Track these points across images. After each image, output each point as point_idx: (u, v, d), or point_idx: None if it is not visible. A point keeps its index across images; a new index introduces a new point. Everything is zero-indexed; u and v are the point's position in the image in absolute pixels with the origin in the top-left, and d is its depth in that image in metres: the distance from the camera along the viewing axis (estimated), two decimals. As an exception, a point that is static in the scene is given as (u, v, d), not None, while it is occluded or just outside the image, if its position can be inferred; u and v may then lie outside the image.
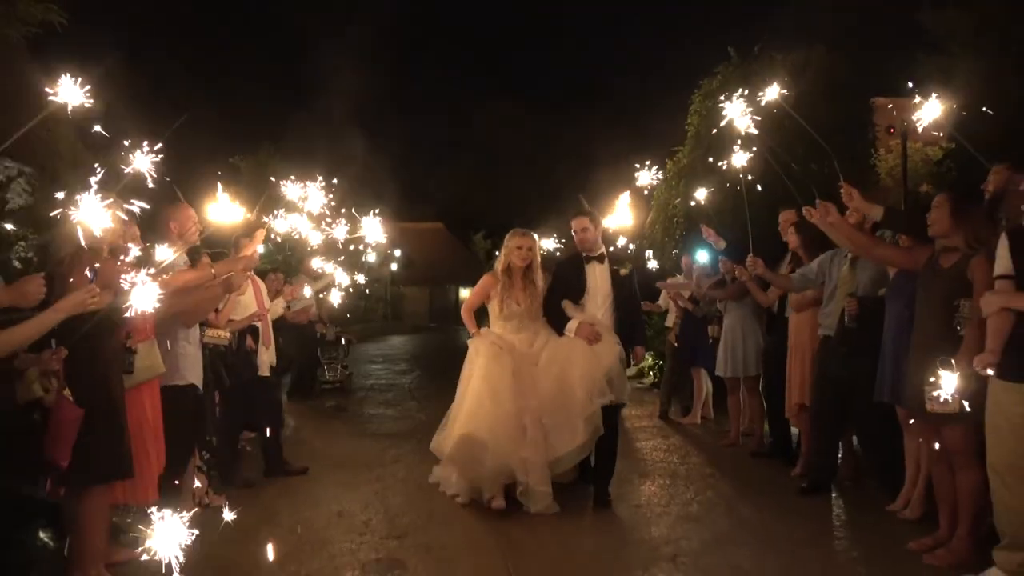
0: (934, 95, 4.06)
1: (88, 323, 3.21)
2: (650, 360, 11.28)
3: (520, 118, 42.26)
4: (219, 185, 4.74)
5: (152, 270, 3.40)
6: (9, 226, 5.51)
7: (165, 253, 3.81)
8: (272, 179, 5.35)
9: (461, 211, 42.44)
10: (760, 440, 6.61)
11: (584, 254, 5.21)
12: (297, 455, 6.30)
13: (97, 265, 3.16)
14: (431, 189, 43.18)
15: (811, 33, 13.21)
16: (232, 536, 4.38)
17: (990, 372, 3.35)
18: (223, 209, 4.71)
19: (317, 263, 6.07)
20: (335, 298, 6.96)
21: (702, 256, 7.46)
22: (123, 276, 3.01)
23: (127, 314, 3.09)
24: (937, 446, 3.94)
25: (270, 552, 4.16)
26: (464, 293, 39.25)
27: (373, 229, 5.45)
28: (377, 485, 5.61)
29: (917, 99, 4.14)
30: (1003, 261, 3.36)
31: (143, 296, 2.94)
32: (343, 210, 6.13)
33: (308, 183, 5.23)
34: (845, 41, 12.67)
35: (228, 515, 3.60)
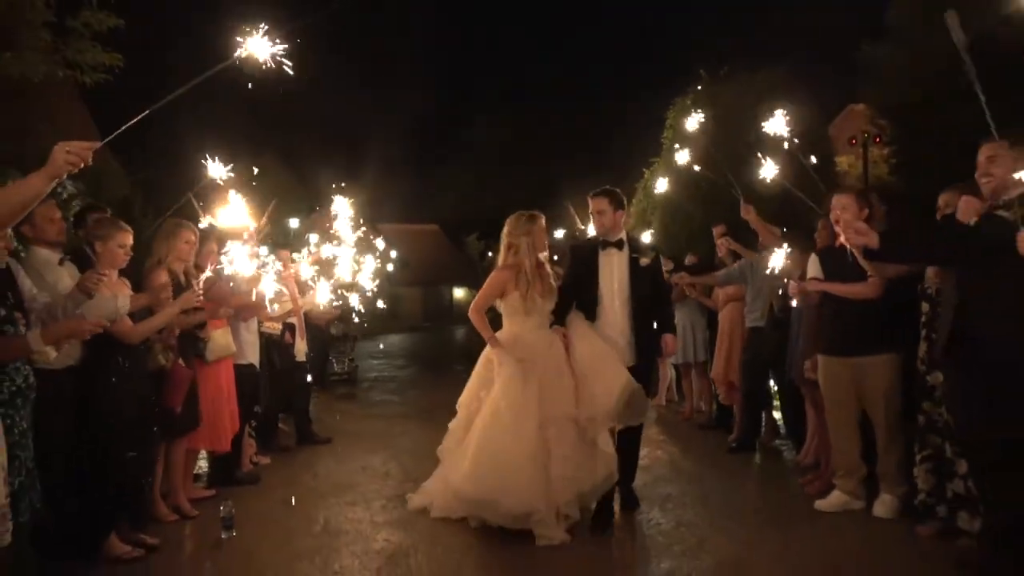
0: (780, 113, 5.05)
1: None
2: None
3: (513, 122, 43.43)
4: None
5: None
6: None
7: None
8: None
9: (455, 213, 43.57)
10: (709, 415, 7.92)
11: (601, 239, 4.83)
12: (320, 429, 7.56)
13: (203, 278, 4.44)
14: (426, 191, 44.30)
15: (773, 57, 14.55)
16: (281, 482, 5.71)
17: None
18: (234, 214, 5.75)
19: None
20: (354, 301, 8.23)
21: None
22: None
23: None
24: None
25: (315, 491, 5.46)
26: (459, 293, 40.45)
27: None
28: (391, 450, 6.88)
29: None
30: (812, 272, 4.76)
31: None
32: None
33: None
34: (803, 65, 13.99)
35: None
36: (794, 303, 5.06)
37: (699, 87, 14.11)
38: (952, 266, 3.74)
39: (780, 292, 5.88)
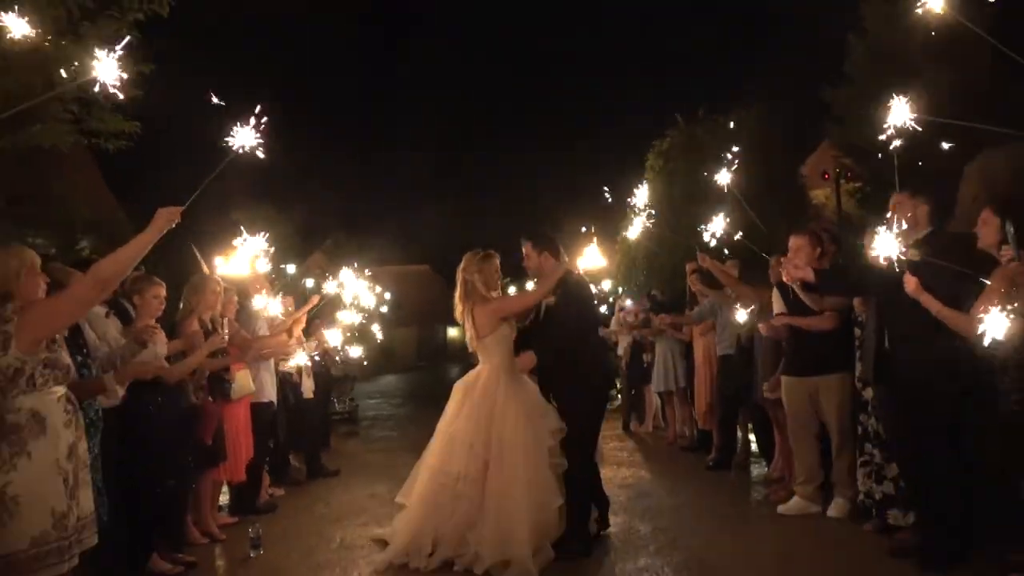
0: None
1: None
2: (617, 384, 13.20)
3: (500, 163, 44.57)
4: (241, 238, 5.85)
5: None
6: None
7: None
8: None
9: (446, 253, 44.19)
10: (691, 438, 8.51)
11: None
12: (327, 463, 8.07)
13: (226, 328, 5.06)
14: (416, 232, 44.99)
15: (746, 98, 15.43)
16: (296, 509, 6.24)
17: None
18: (235, 264, 5.64)
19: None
20: (355, 351, 8.84)
21: (628, 303, 9.58)
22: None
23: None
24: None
25: (328, 516, 5.99)
26: (452, 332, 40.96)
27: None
28: (396, 479, 7.26)
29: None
30: (777, 304, 5.36)
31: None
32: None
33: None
34: (775, 106, 14.84)
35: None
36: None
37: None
38: (868, 297, 4.43)
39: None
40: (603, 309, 11.57)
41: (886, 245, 3.43)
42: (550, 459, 4.59)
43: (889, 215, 4.22)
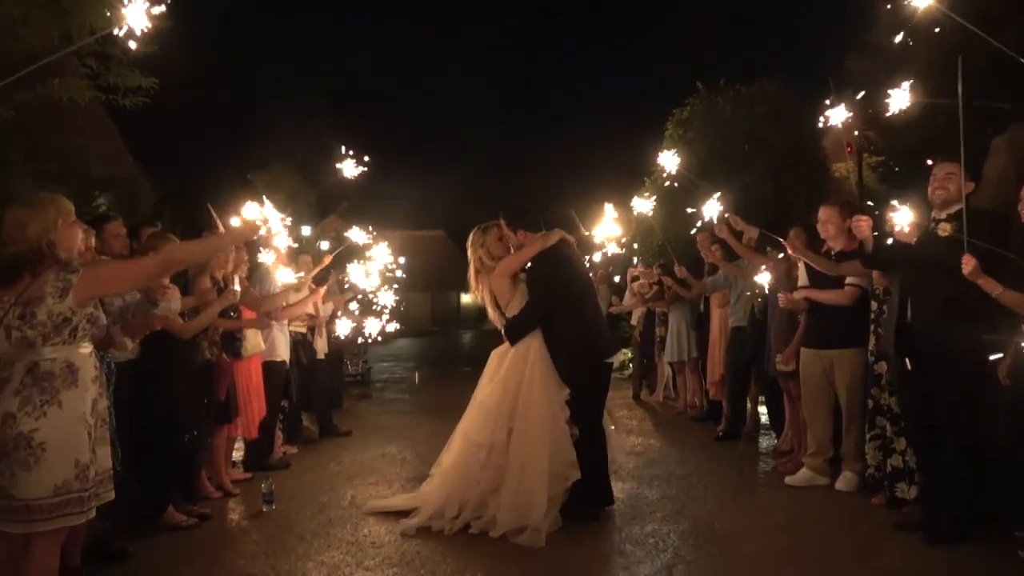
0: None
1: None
2: (629, 354, 13.22)
3: (517, 129, 44.15)
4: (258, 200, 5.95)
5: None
6: None
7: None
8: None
9: (461, 219, 44.05)
10: (701, 409, 8.52)
11: None
12: (340, 423, 8.17)
13: (237, 284, 5.09)
14: (432, 198, 44.83)
15: (766, 68, 15.10)
16: (309, 467, 6.34)
17: None
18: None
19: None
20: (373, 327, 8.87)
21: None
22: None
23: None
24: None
25: (340, 474, 6.08)
26: (465, 298, 41.09)
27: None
28: (408, 440, 7.50)
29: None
30: (802, 278, 5.31)
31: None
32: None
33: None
34: (796, 76, 14.56)
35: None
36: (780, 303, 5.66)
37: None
38: (892, 270, 4.38)
39: (759, 296, 6.49)
40: (616, 280, 11.53)
41: (913, 215, 3.37)
42: (569, 429, 4.62)
43: (935, 185, 4.11)
